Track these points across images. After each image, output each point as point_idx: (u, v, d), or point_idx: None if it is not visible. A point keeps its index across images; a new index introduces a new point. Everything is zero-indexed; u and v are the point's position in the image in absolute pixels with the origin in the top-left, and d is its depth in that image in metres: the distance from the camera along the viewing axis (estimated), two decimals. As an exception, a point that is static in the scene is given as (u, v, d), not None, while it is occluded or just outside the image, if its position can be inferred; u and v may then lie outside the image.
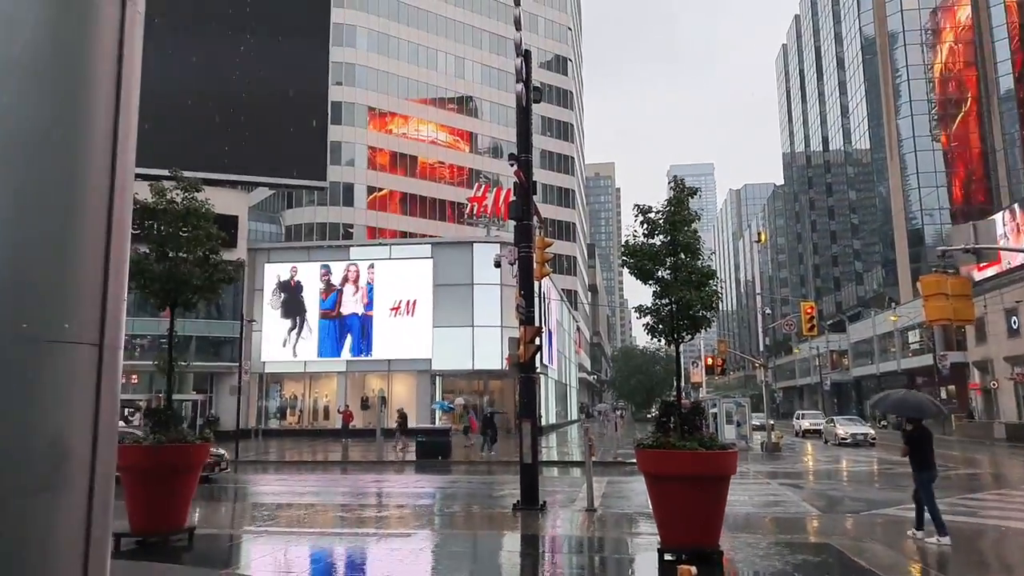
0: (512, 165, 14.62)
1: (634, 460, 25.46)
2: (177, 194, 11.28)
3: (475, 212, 44.27)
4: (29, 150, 3.98)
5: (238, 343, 36.31)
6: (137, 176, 5.23)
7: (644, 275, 9.82)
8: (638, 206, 10.15)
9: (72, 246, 4.08)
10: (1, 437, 3.72)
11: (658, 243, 9.92)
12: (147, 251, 10.85)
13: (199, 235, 11.17)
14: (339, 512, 14.33)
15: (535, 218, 15.02)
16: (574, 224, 78.53)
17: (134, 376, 35.40)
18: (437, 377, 39.99)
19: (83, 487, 3.98)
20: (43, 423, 3.83)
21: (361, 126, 60.68)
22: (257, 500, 15.95)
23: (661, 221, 9.95)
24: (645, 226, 10.01)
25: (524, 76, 14.80)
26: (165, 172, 12.07)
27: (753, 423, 37.36)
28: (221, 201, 13.58)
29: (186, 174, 11.75)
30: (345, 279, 40.80)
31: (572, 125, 79.34)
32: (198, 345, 37.85)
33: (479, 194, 44.72)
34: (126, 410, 26.68)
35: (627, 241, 10.22)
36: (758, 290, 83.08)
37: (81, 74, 4.24)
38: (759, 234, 43.90)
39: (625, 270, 11.19)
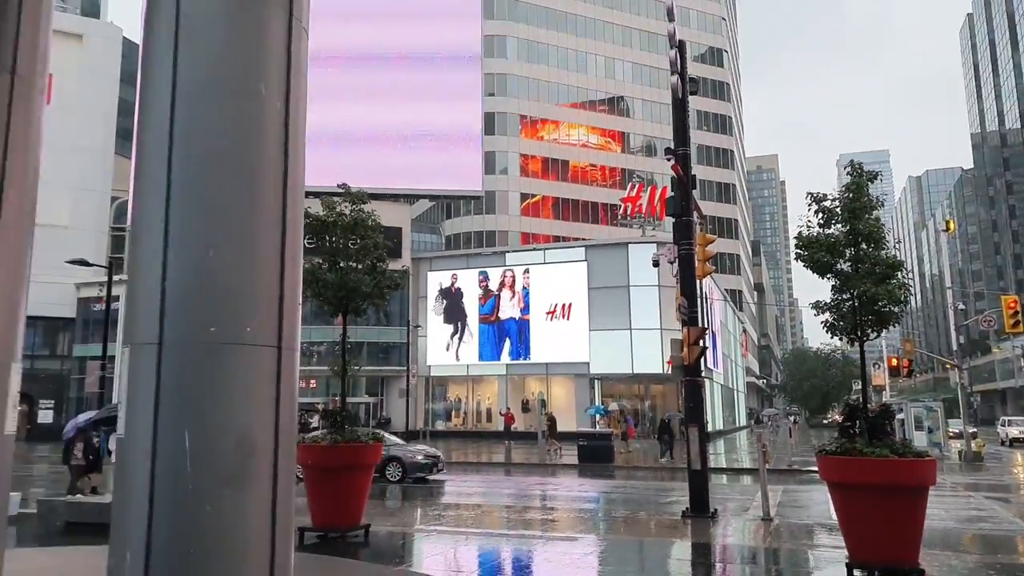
0: (669, 160, 14.14)
1: (811, 468, 23.88)
2: (346, 207, 11.87)
3: (629, 212, 43.62)
4: (212, 166, 4.23)
5: (405, 348, 38.07)
6: (308, 193, 5.46)
7: (821, 269, 9.07)
8: (811, 194, 9.41)
9: (251, 254, 4.26)
10: (194, 434, 3.94)
11: (836, 233, 9.14)
12: (320, 261, 11.49)
13: (367, 244, 11.68)
14: (505, 513, 14.47)
15: (695, 213, 14.42)
16: (736, 220, 75.39)
17: (312, 380, 38.07)
18: (596, 381, 39.71)
19: (268, 481, 4.13)
20: (231, 421, 4.02)
21: (513, 135, 61.78)
22: (425, 499, 16.48)
23: (838, 209, 9.16)
24: (820, 215, 9.25)
25: (679, 68, 14.29)
26: (334, 187, 12.78)
27: (950, 431, 33.87)
28: (385, 214, 14.18)
29: (353, 188, 12.36)
30: (502, 284, 41.61)
31: (729, 118, 76.32)
32: (369, 350, 40.10)
33: (633, 194, 44.02)
34: (303, 413, 28.68)
35: (800, 232, 9.49)
36: (948, 284, 75.47)
37: (254, 91, 4.44)
38: (947, 223, 39.75)
39: (797, 265, 10.42)
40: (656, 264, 22.58)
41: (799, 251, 9.46)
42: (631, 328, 38.55)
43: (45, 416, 40.88)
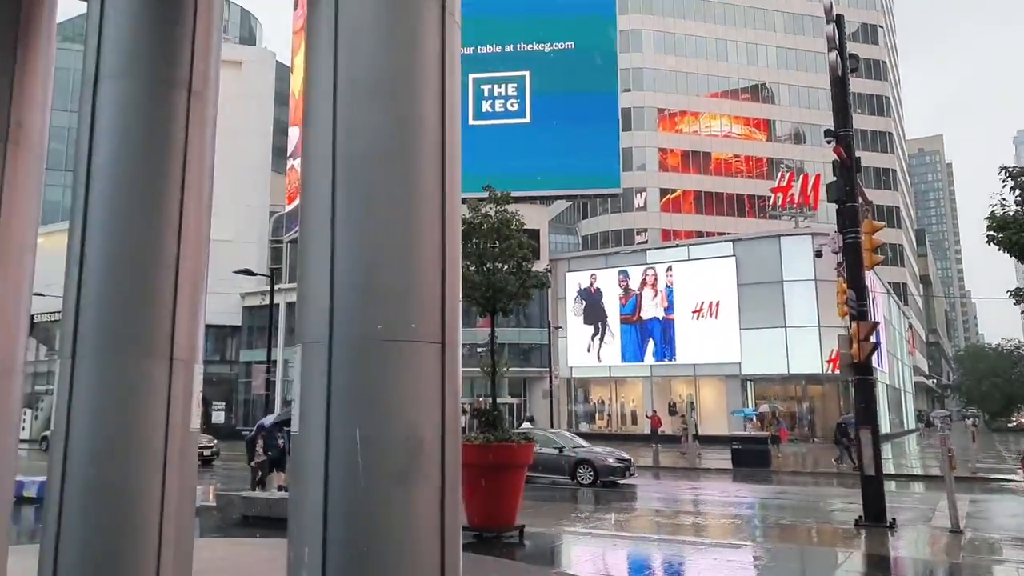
0: (830, 142, 13.16)
1: (1000, 476, 21.53)
2: (490, 208, 11.94)
3: (780, 203, 41.42)
4: (374, 168, 4.26)
5: (546, 349, 38.17)
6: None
7: (1021, 251, 8.04)
8: (1005, 169, 8.39)
9: (413, 251, 4.25)
10: (364, 431, 3.95)
11: (1038, 210, 8.08)
12: (467, 263, 11.62)
13: (511, 245, 11.70)
14: (656, 518, 14.02)
15: (859, 199, 13.33)
16: (897, 208, 69.90)
17: (458, 381, 38.80)
18: (748, 382, 37.98)
19: (436, 478, 4.09)
20: (399, 418, 4.01)
21: (651, 129, 60.54)
22: (576, 501, 16.31)
23: (1040, 183, 8.10)
24: (1017, 192, 8.21)
25: (837, 43, 13.27)
26: (477, 192, 12.90)
27: None
28: (524, 216, 14.19)
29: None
30: (643, 283, 40.76)
31: (887, 98, 70.90)
32: (510, 352, 40.53)
33: (783, 183, 41.78)
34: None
35: (993, 212, 8.46)
36: None
37: (412, 86, 4.43)
38: None
39: (968, 254, 9.30)
40: (819, 255, 21.20)
41: (992, 233, 8.44)
42: (785, 326, 36.53)
43: (217, 416, 44.40)
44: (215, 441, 25.86)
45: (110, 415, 4.67)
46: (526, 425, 31.78)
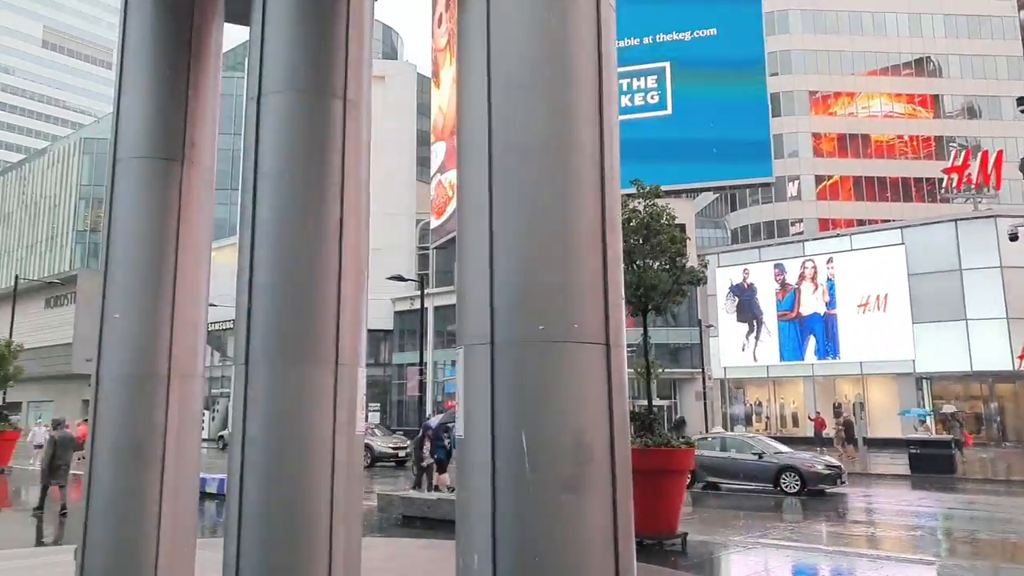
0: (1022, 110, 11.65)
1: None
2: (639, 203, 11.54)
3: (955, 185, 37.68)
4: (531, 162, 4.09)
5: (697, 349, 36.88)
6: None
7: None
8: None
9: (573, 248, 4.04)
10: (531, 435, 3.78)
11: None
12: (618, 261, 11.28)
13: (662, 240, 11.25)
14: (828, 527, 13.01)
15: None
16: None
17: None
18: (924, 381, 34.78)
19: (607, 486, 3.87)
20: (566, 421, 3.81)
21: (802, 113, 57.13)
22: (738, 507, 15.49)
23: None
24: None
25: (1029, -4, 11.72)
26: (623, 188, 12.52)
27: None
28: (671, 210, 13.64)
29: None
30: (801, 276, 38.42)
31: (1079, 59, 62.89)
32: (658, 352, 39.51)
33: (957, 163, 37.98)
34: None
35: None
36: None
37: (567, 76, 4.22)
38: None
39: None
40: (1014, 238, 19.01)
41: None
42: (966, 319, 33.12)
43: (372, 418, 46.57)
44: (408, 441, 26.61)
45: (281, 419, 4.82)
46: (717, 429, 30.85)
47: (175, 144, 6.09)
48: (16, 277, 37.51)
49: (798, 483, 17.01)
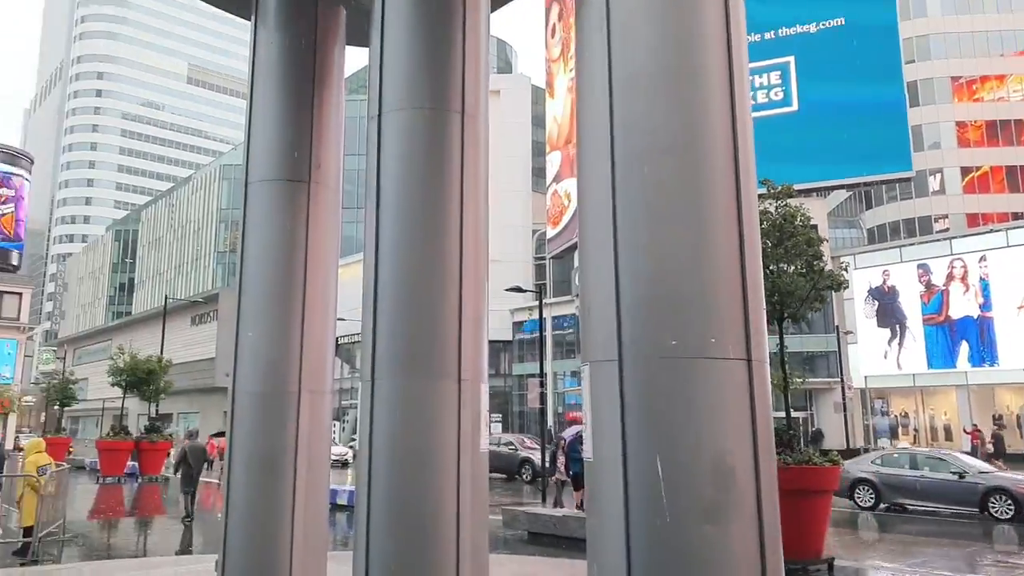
0: None
1: None
2: (770, 203, 10.91)
3: None
4: (656, 159, 3.82)
5: (834, 357, 34.75)
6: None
7: None
8: None
9: (708, 255, 3.75)
10: (666, 459, 3.51)
11: None
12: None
13: (798, 242, 10.58)
14: (996, 555, 11.69)
15: None
16: None
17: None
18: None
19: (752, 514, 3.54)
20: (704, 444, 3.51)
21: (944, 101, 52.91)
22: (892, 530, 14.28)
23: None
24: None
25: None
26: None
27: None
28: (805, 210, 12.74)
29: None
30: (950, 277, 35.39)
31: None
32: (792, 360, 37.39)
33: None
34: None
35: None
36: None
37: (694, 72, 3.94)
38: None
39: None
40: None
41: None
42: None
43: (495, 428, 47.00)
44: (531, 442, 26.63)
45: (406, 434, 4.81)
46: (903, 444, 28.97)
47: (302, 166, 6.25)
48: (166, 297, 40.70)
49: (1011, 507, 14.62)
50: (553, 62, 49.41)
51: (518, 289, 26.99)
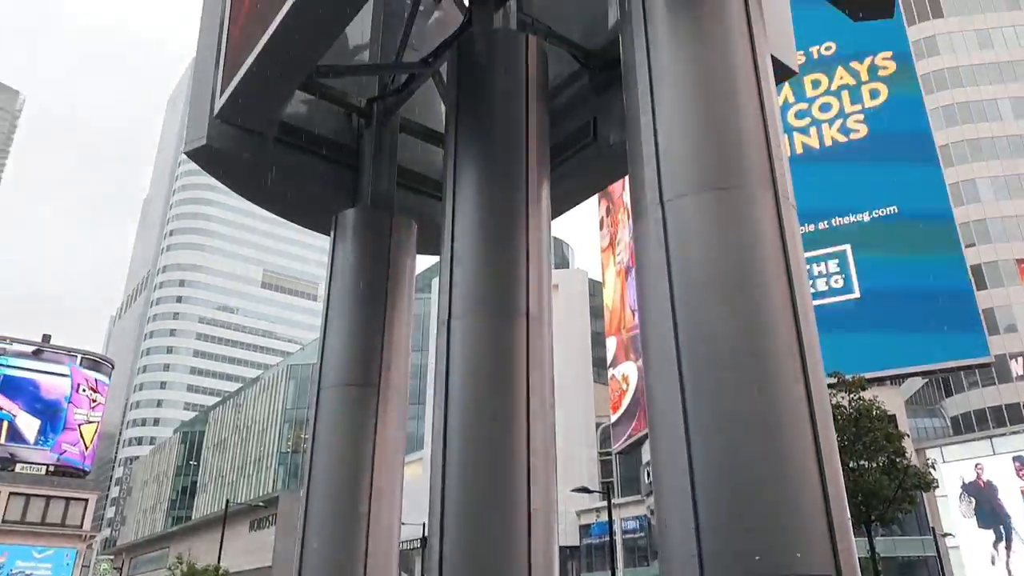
0: None
1: None
2: (842, 396, 10.59)
3: None
4: (723, 365, 3.84)
5: (933, 564, 31.55)
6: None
7: None
8: None
9: (786, 466, 3.62)
10: None
11: None
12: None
13: (876, 438, 10.10)
14: None
15: None
16: None
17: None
18: None
19: None
20: None
21: (1012, 284, 51.91)
22: None
23: None
24: None
25: None
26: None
27: None
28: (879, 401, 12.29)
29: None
30: (1051, 470, 32.74)
31: None
32: (885, 567, 34.05)
33: None
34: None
35: None
36: None
37: (754, 279, 4.06)
38: None
39: None
40: None
41: None
42: None
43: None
44: None
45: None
46: None
47: (372, 370, 6.43)
48: (227, 501, 40.09)
49: None
50: (604, 251, 51.44)
51: (584, 490, 25.81)
